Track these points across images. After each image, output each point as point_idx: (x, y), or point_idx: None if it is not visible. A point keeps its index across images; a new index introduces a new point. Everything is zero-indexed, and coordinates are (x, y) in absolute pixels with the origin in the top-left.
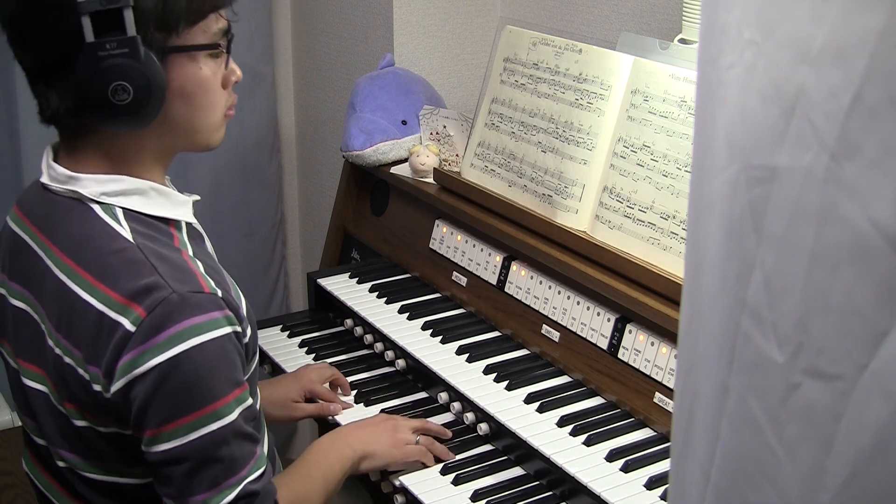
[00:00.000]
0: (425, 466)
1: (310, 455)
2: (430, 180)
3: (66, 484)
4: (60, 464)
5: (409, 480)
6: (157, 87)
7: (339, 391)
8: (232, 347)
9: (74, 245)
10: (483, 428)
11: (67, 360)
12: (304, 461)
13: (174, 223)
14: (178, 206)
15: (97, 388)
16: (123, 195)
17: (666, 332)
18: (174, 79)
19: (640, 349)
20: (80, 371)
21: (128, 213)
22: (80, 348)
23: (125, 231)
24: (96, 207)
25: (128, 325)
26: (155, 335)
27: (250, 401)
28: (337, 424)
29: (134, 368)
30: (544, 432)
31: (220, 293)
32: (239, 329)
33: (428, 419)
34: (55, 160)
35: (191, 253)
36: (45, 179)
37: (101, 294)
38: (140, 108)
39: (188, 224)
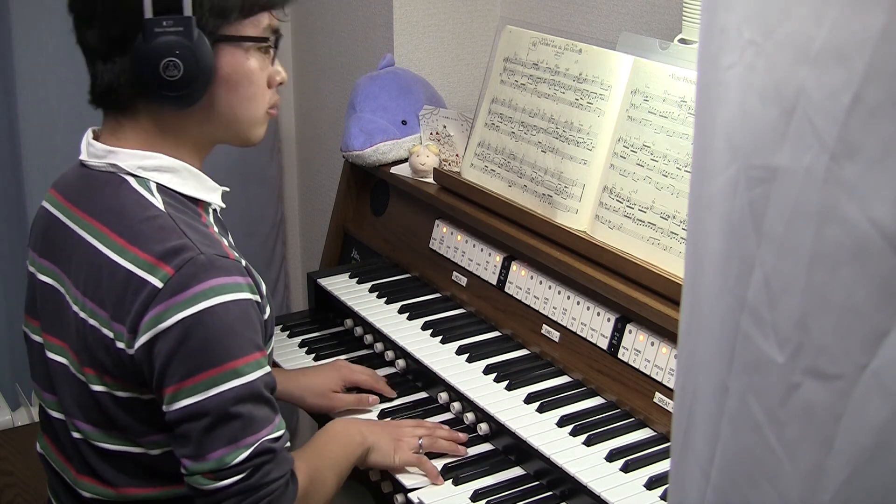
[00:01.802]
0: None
1: (322, 437)
2: (430, 180)
3: (79, 460)
4: (76, 435)
5: (408, 481)
6: (205, 68)
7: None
8: (254, 313)
9: (108, 213)
10: (483, 428)
11: (91, 321)
12: (319, 441)
13: (203, 205)
14: (209, 191)
15: (120, 345)
16: (158, 171)
17: (666, 332)
18: (222, 66)
19: (640, 349)
20: (105, 330)
21: (161, 187)
22: (106, 307)
23: (157, 202)
24: (131, 180)
25: (155, 282)
26: (181, 291)
27: (269, 369)
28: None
29: (159, 323)
30: (544, 432)
31: (243, 263)
32: (259, 300)
33: (428, 420)
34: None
35: (216, 231)
36: (83, 157)
37: (130, 255)
38: (188, 85)
39: (215, 212)
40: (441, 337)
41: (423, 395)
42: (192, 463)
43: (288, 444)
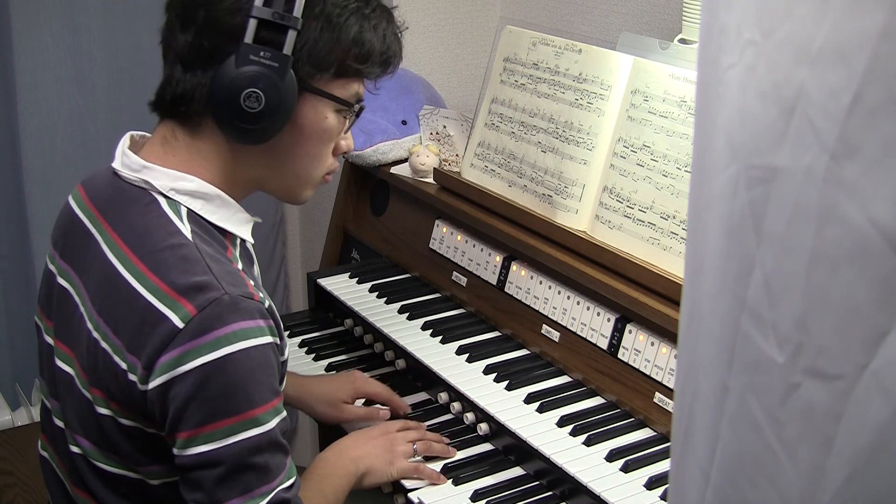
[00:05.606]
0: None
1: (317, 469)
2: (430, 180)
3: (75, 475)
4: (75, 449)
5: (408, 482)
6: (285, 110)
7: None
8: (273, 358)
9: (133, 234)
10: (483, 428)
11: (104, 344)
12: (315, 475)
13: (230, 237)
14: (240, 223)
15: (132, 378)
16: (191, 196)
17: (666, 332)
18: (300, 115)
19: (640, 349)
20: (116, 358)
21: (191, 214)
22: (121, 336)
23: (185, 229)
24: (162, 201)
25: (176, 320)
26: (203, 335)
27: (284, 413)
28: (345, 432)
29: (177, 366)
30: (544, 432)
31: (267, 304)
32: (279, 343)
33: (428, 421)
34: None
35: (240, 268)
36: (116, 165)
37: (151, 284)
38: (262, 121)
39: (242, 243)
40: (441, 337)
41: (423, 395)
42: None
43: (299, 488)
